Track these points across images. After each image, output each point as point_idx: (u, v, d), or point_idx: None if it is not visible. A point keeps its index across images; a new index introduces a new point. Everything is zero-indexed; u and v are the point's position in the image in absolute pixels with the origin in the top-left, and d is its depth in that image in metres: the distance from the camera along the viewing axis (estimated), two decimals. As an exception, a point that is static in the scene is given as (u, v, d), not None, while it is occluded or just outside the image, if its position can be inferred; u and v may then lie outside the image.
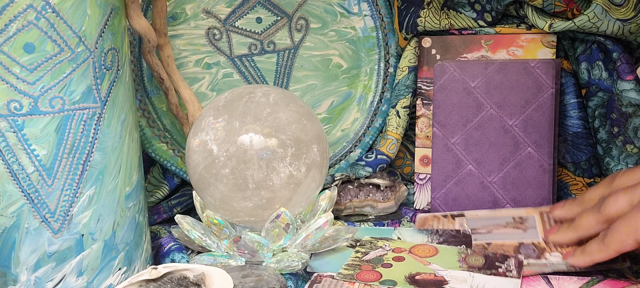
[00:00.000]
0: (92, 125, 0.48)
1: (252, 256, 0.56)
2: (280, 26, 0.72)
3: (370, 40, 0.74)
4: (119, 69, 0.50)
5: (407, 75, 0.71)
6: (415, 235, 0.60)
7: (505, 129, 0.65)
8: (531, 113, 0.64)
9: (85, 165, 0.48)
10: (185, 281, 0.45)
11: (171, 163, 0.70)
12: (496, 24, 0.68)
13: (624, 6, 0.60)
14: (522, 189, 0.64)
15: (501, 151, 0.65)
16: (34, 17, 0.44)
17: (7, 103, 0.45)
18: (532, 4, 0.64)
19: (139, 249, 0.54)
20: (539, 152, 0.64)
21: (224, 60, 0.72)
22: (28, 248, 0.47)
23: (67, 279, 0.49)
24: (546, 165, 0.64)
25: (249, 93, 0.58)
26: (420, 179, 0.71)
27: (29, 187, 0.47)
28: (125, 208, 0.52)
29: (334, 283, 0.50)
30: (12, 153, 0.46)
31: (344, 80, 0.75)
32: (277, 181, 0.55)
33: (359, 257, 0.55)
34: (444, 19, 0.69)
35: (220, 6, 0.71)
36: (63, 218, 0.48)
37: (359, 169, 0.71)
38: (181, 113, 0.68)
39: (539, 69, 0.63)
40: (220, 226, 0.57)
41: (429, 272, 0.51)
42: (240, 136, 0.55)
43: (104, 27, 0.48)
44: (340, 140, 0.75)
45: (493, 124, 0.65)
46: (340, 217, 0.69)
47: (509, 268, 0.51)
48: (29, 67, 0.45)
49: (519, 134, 0.64)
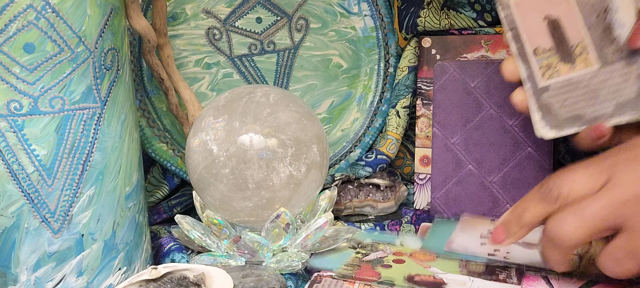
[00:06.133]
0: (92, 125, 0.48)
1: (252, 256, 0.56)
2: (280, 26, 0.72)
3: (370, 40, 0.74)
4: (119, 69, 0.50)
5: (407, 75, 0.71)
6: (418, 242, 0.60)
7: (505, 129, 0.65)
8: (531, 113, 0.64)
9: (85, 165, 0.48)
10: (185, 281, 0.45)
11: (171, 163, 0.70)
12: (496, 24, 0.68)
13: (624, 6, 0.60)
14: (522, 189, 0.64)
15: (501, 151, 0.65)
16: (34, 17, 0.44)
17: (7, 103, 0.45)
18: (532, 4, 0.64)
19: (139, 249, 0.54)
20: (539, 152, 0.64)
21: (224, 60, 0.72)
22: (28, 248, 0.47)
23: (67, 279, 0.49)
24: (546, 165, 0.64)
25: (249, 93, 0.58)
26: (420, 179, 0.71)
27: (29, 187, 0.47)
28: (125, 208, 0.52)
29: (334, 283, 0.50)
30: (12, 154, 0.46)
31: (344, 80, 0.75)
32: (277, 181, 0.55)
33: (359, 257, 0.55)
34: (444, 19, 0.69)
35: (220, 6, 0.71)
36: (63, 218, 0.48)
37: (359, 169, 0.71)
38: (181, 113, 0.68)
39: (539, 69, 0.63)
40: (220, 226, 0.57)
41: (428, 274, 0.51)
42: (240, 136, 0.55)
43: (104, 27, 0.48)
44: (340, 140, 0.75)
45: (493, 124, 0.65)
46: (340, 217, 0.69)
47: (510, 276, 0.51)
48: (29, 67, 0.45)
49: (519, 134, 0.64)
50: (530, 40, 0.51)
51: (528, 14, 0.51)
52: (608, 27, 0.49)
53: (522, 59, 0.52)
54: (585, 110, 0.50)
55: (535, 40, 0.51)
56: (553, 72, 0.51)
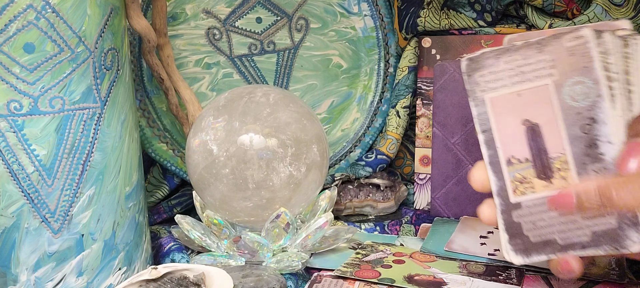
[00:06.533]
0: (92, 125, 0.48)
1: (252, 256, 0.56)
2: (280, 26, 0.72)
3: (370, 40, 0.74)
4: (119, 69, 0.50)
5: (407, 75, 0.71)
6: (418, 243, 0.60)
7: (505, 129, 0.65)
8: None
9: (85, 165, 0.48)
10: (185, 281, 0.45)
11: (171, 163, 0.70)
12: (496, 24, 0.68)
13: (624, 6, 0.60)
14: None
15: (501, 151, 0.65)
16: (34, 17, 0.44)
17: (7, 103, 0.45)
18: (532, 4, 0.64)
19: (139, 249, 0.54)
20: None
21: (224, 60, 0.72)
22: (28, 248, 0.47)
23: (67, 279, 0.49)
24: (546, 165, 0.64)
25: (249, 93, 0.58)
26: (420, 179, 0.71)
27: (29, 187, 0.47)
28: (125, 208, 0.52)
29: (334, 283, 0.50)
30: (12, 154, 0.46)
31: (344, 80, 0.75)
32: (277, 181, 0.55)
33: (360, 257, 0.55)
34: (444, 19, 0.69)
35: (220, 6, 0.71)
36: (63, 218, 0.48)
37: (359, 169, 0.71)
38: (181, 113, 0.68)
39: (539, 69, 0.63)
40: (220, 226, 0.57)
41: (428, 274, 0.51)
42: (240, 136, 0.55)
43: (104, 27, 0.48)
44: (340, 140, 0.75)
45: (493, 124, 0.65)
46: (340, 217, 0.69)
47: (510, 276, 0.51)
48: (29, 67, 0.45)
49: (519, 134, 0.64)
50: (505, 147, 0.44)
51: (504, 115, 0.44)
52: (593, 142, 0.42)
53: (493, 169, 0.44)
54: (558, 235, 0.43)
55: (510, 148, 0.44)
56: (527, 187, 0.44)
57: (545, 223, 0.43)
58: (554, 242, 0.43)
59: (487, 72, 0.44)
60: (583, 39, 0.42)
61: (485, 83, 0.44)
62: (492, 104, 0.44)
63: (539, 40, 0.43)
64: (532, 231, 0.44)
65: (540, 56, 0.43)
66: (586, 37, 0.42)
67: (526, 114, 0.43)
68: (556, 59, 0.42)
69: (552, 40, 0.43)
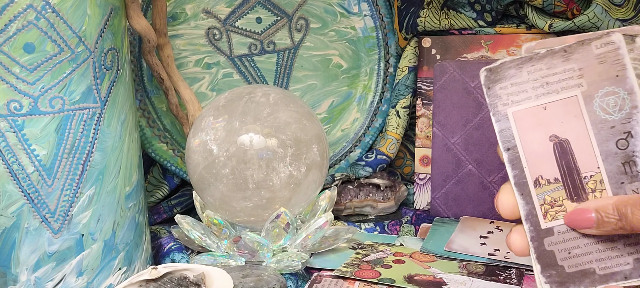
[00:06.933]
0: (92, 125, 0.48)
1: (252, 256, 0.56)
2: (280, 26, 0.72)
3: (370, 40, 0.74)
4: (119, 69, 0.50)
5: (407, 75, 0.71)
6: (418, 243, 0.60)
7: (505, 129, 0.65)
8: (531, 113, 0.64)
9: (85, 165, 0.48)
10: (185, 281, 0.45)
11: (171, 163, 0.70)
12: (496, 24, 0.68)
13: (624, 6, 0.60)
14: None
15: (501, 151, 0.65)
16: (34, 17, 0.44)
17: (7, 103, 0.45)
18: (532, 4, 0.64)
19: (139, 249, 0.54)
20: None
21: (224, 60, 0.72)
22: (28, 248, 0.47)
23: (67, 279, 0.49)
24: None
25: (249, 93, 0.58)
26: (420, 179, 0.71)
27: (29, 187, 0.47)
28: (125, 208, 0.52)
29: (334, 283, 0.50)
30: (12, 154, 0.46)
31: (344, 80, 0.75)
32: (277, 181, 0.55)
33: (360, 257, 0.55)
34: (444, 19, 0.69)
35: (220, 6, 0.71)
36: (63, 218, 0.48)
37: (359, 169, 0.71)
38: (181, 113, 0.68)
39: (539, 69, 0.63)
40: (220, 226, 0.57)
41: (428, 274, 0.51)
42: (240, 136, 0.55)
43: (104, 27, 0.48)
44: (340, 140, 0.75)
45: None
46: (340, 217, 0.69)
47: (510, 276, 0.51)
48: (29, 67, 0.45)
49: (519, 134, 0.64)
50: (531, 166, 0.40)
51: (530, 131, 0.40)
52: (630, 159, 0.38)
53: (520, 191, 0.40)
54: (597, 264, 0.38)
55: (537, 168, 0.40)
56: (558, 211, 0.39)
57: (582, 251, 0.39)
58: (592, 272, 0.39)
59: (508, 83, 0.41)
60: (614, 44, 0.38)
61: (507, 96, 0.41)
62: (516, 118, 0.40)
63: (565, 47, 0.40)
64: (567, 260, 0.39)
65: (566, 65, 0.40)
66: (617, 43, 0.38)
67: (554, 129, 0.40)
68: (584, 67, 0.39)
69: (579, 47, 0.39)
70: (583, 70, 0.39)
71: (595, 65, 0.39)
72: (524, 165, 0.40)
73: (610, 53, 0.39)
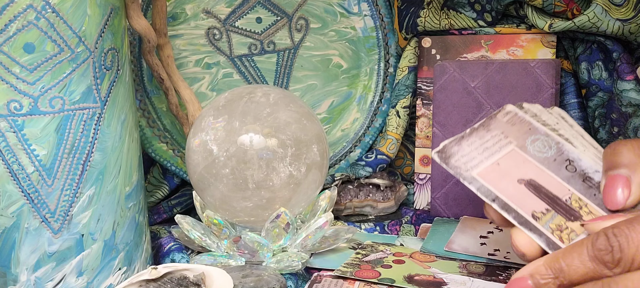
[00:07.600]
0: (92, 125, 0.48)
1: (252, 256, 0.56)
2: (280, 26, 0.72)
3: (370, 40, 0.74)
4: (119, 69, 0.50)
5: (407, 75, 0.71)
6: (418, 243, 0.60)
7: (505, 129, 0.65)
8: (531, 113, 0.64)
9: (85, 165, 0.48)
10: (185, 281, 0.45)
11: (171, 163, 0.70)
12: (496, 24, 0.68)
13: (624, 6, 0.60)
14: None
15: (501, 151, 0.65)
16: (34, 17, 0.44)
17: (7, 103, 0.45)
18: (532, 4, 0.64)
19: (139, 249, 0.54)
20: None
21: (224, 60, 0.72)
22: (28, 248, 0.47)
23: (67, 279, 0.49)
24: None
25: (249, 93, 0.58)
26: (420, 179, 0.71)
27: (29, 187, 0.47)
28: (125, 208, 0.52)
29: (334, 283, 0.50)
30: (12, 154, 0.46)
31: (344, 80, 0.75)
32: (277, 181, 0.55)
33: (360, 257, 0.55)
34: (444, 19, 0.69)
35: (220, 6, 0.71)
36: (63, 218, 0.48)
37: (359, 169, 0.71)
38: (181, 113, 0.68)
39: (539, 69, 0.63)
40: (220, 226, 0.57)
41: (428, 274, 0.51)
42: (240, 136, 0.55)
43: (104, 27, 0.48)
44: (340, 140, 0.75)
45: (493, 124, 0.65)
46: (340, 217, 0.69)
47: (510, 276, 0.50)
48: (29, 67, 0.45)
49: (519, 134, 0.64)
50: (522, 206, 0.42)
51: (500, 181, 0.43)
52: (585, 176, 0.41)
53: (527, 227, 0.41)
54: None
55: (526, 205, 0.41)
56: (569, 232, 0.40)
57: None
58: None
59: (459, 156, 0.45)
60: (511, 112, 0.45)
61: (464, 164, 0.44)
62: (483, 176, 0.43)
63: (481, 124, 0.45)
64: None
65: (491, 133, 0.45)
66: (513, 111, 0.45)
67: (516, 175, 0.43)
68: (504, 131, 0.44)
69: (491, 121, 0.45)
70: (504, 132, 0.45)
71: (509, 127, 0.45)
72: (515, 208, 0.42)
73: (513, 118, 0.45)
